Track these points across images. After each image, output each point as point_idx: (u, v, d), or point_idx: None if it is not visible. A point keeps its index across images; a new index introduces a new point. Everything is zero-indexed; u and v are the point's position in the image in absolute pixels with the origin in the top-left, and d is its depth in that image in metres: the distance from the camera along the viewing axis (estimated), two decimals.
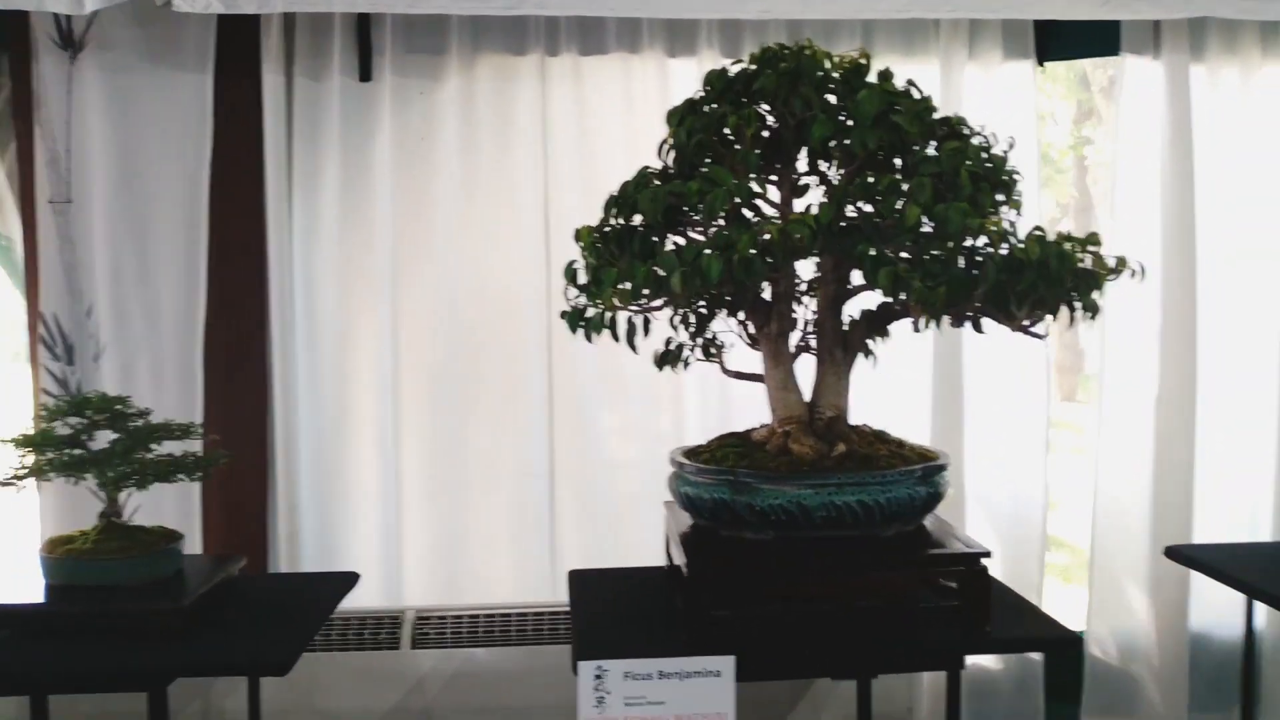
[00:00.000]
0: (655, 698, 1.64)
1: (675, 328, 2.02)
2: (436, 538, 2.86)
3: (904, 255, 1.66)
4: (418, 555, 2.85)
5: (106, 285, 2.71)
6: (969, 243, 1.66)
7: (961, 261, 1.62)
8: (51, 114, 2.61)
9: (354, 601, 2.70)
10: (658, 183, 1.78)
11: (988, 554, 1.74)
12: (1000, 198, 1.73)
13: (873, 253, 1.60)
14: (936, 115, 1.76)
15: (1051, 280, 1.60)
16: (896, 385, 2.80)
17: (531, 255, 2.82)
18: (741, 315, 1.99)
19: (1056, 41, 2.86)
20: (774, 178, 1.84)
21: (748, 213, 1.78)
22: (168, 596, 1.76)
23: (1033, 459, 2.87)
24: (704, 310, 2.01)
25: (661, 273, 1.62)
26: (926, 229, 1.66)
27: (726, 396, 2.81)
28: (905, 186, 1.60)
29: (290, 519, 2.79)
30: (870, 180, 1.63)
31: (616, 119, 2.82)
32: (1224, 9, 2.61)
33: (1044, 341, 2.76)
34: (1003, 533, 2.85)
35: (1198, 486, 2.82)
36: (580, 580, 2.11)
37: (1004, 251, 1.61)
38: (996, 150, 1.77)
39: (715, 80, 1.78)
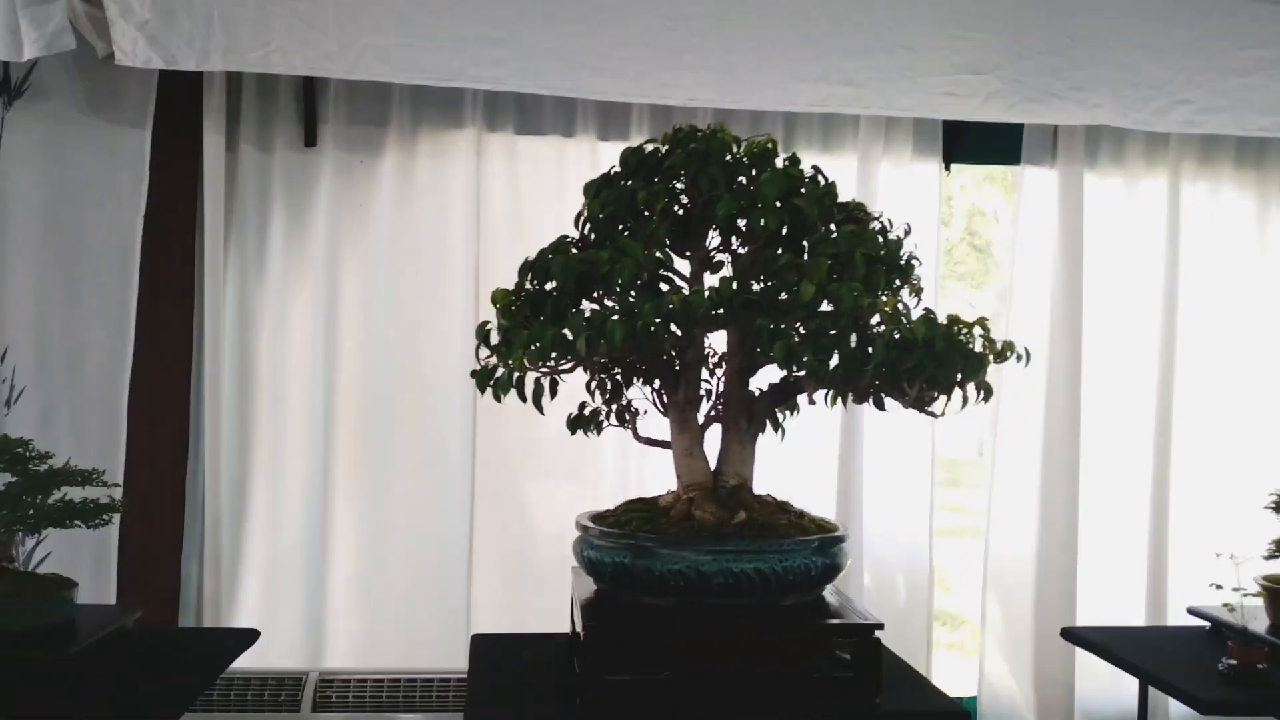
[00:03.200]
0: None
1: (591, 393, 2.08)
2: (354, 598, 2.86)
3: (802, 330, 1.75)
4: (334, 615, 2.84)
5: (26, 331, 2.70)
6: (875, 323, 1.75)
7: (855, 339, 1.69)
8: None
9: (264, 660, 2.68)
10: (575, 251, 1.85)
11: (880, 626, 1.78)
12: (897, 281, 1.82)
13: (770, 326, 1.67)
14: (841, 200, 1.85)
15: (939, 360, 1.69)
16: (807, 463, 2.92)
17: (461, 322, 2.88)
18: (657, 384, 2.05)
19: (964, 147, 3.05)
20: (688, 252, 1.92)
21: (664, 285, 1.86)
22: (54, 644, 1.72)
23: (919, 538, 2.98)
24: (619, 377, 2.07)
25: (569, 335, 1.67)
26: (828, 308, 1.75)
27: (647, 465, 2.87)
28: (802, 265, 1.68)
29: (204, 573, 2.77)
30: (770, 258, 1.71)
31: (549, 197, 2.92)
32: (1118, 119, 2.81)
33: (930, 427, 2.93)
34: (895, 606, 2.93)
35: (1081, 567, 2.95)
36: (482, 645, 2.10)
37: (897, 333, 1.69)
38: (896, 236, 1.87)
39: (630, 157, 1.87)
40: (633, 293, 1.75)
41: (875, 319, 1.71)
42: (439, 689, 2.51)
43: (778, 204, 1.76)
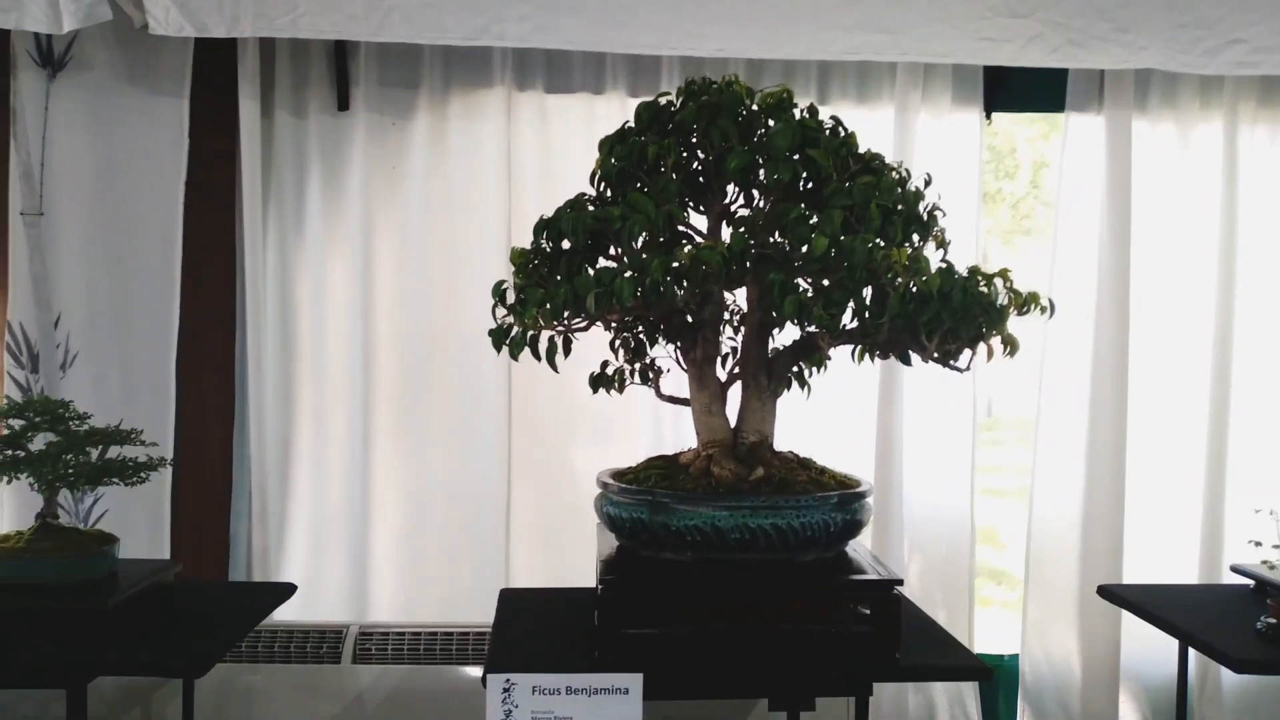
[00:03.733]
0: (563, 713, 1.67)
1: (615, 351, 2.09)
2: (396, 554, 2.92)
3: (824, 284, 1.72)
4: (377, 571, 2.91)
5: (78, 297, 2.79)
6: (894, 278, 1.71)
7: (870, 292, 1.66)
8: (28, 129, 2.70)
9: (311, 614, 2.77)
10: (591, 208, 1.85)
11: (899, 582, 1.77)
12: (917, 234, 1.78)
13: (781, 281, 1.65)
14: (859, 152, 1.81)
15: (956, 312, 1.65)
16: (845, 421, 2.90)
17: (494, 281, 2.88)
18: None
19: (1005, 95, 2.95)
20: (703, 208, 1.90)
21: (685, 241, 1.84)
22: (93, 596, 1.79)
23: (961, 495, 2.94)
24: (642, 336, 2.07)
25: (580, 294, 1.68)
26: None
27: (683, 424, 2.86)
28: (815, 219, 1.66)
29: (253, 530, 2.86)
30: (782, 211, 1.68)
31: (580, 155, 2.89)
32: (1166, 63, 2.68)
33: (970, 380, 2.88)
34: (935, 562, 2.91)
35: (1128, 525, 2.88)
36: (511, 599, 2.15)
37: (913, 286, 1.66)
38: (915, 187, 1.82)
39: (644, 111, 1.85)
40: (646, 250, 1.74)
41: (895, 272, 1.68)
42: (475, 642, 2.56)
43: (792, 156, 1.73)
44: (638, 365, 2.10)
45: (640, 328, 2.06)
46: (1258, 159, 2.96)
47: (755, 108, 1.79)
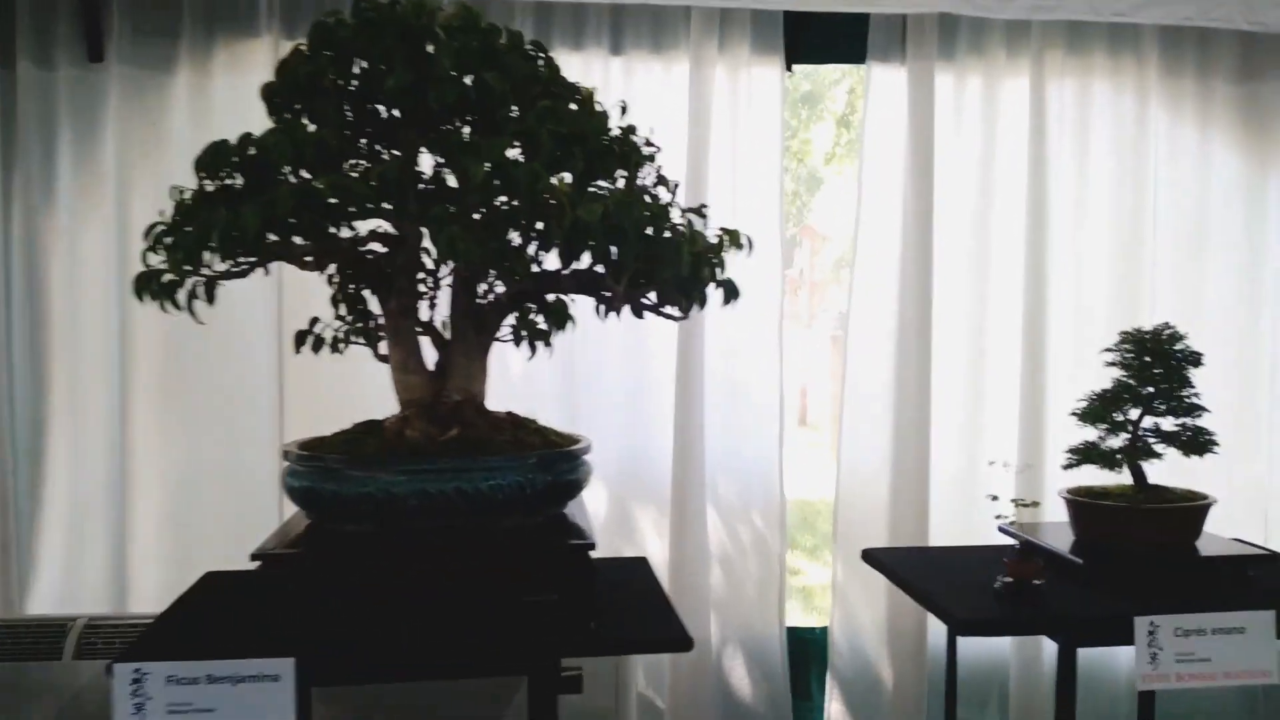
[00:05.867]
0: (204, 704, 1.48)
1: (336, 306, 1.90)
2: (161, 543, 2.72)
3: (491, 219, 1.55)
4: (141, 559, 2.70)
5: None
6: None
7: (539, 229, 1.50)
8: None
9: (68, 607, 2.58)
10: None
11: (591, 546, 1.61)
12: (609, 170, 1.62)
13: (439, 213, 1.47)
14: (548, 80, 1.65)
15: (635, 252, 1.49)
16: (642, 384, 2.76)
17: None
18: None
19: (807, 46, 2.83)
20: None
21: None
22: None
23: (768, 464, 2.82)
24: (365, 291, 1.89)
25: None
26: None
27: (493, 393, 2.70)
28: (479, 144, 1.49)
29: (3, 519, 2.63)
30: (443, 136, 1.51)
31: None
32: (961, 6, 2.58)
33: (777, 346, 2.75)
34: (744, 537, 2.78)
35: (933, 491, 2.78)
36: (209, 582, 1.95)
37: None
38: (624, 125, 1.67)
39: (314, 32, 1.66)
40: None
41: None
42: None
43: (463, 78, 1.56)
44: (357, 325, 1.92)
45: (364, 282, 1.87)
46: (1066, 113, 2.87)
47: (426, 25, 1.61)
